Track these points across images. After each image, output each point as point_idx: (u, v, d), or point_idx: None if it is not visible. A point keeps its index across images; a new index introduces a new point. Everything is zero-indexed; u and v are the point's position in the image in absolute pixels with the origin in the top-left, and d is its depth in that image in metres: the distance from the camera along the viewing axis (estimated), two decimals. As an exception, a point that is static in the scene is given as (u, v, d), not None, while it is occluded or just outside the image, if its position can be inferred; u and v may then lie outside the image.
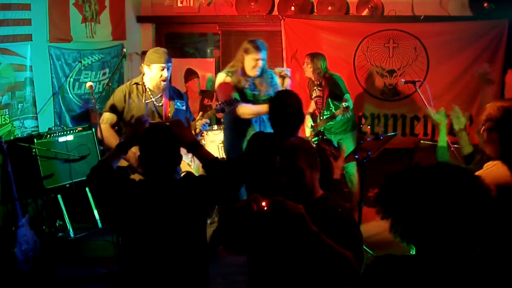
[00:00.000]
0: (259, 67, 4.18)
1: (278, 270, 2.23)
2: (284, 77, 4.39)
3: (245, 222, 2.14)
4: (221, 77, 4.24)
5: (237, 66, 4.23)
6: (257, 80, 4.22)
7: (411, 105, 6.10)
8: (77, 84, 5.59)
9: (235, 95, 4.05)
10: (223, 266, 4.21)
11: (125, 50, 5.97)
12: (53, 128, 5.09)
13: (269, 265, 2.27)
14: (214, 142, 5.69)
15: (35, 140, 4.54)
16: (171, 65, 3.78)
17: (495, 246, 1.66)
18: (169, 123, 2.87)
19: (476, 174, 1.58)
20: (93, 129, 4.98)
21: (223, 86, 4.20)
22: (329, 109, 5.31)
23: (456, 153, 3.95)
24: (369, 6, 6.22)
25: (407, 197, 1.50)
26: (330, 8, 6.33)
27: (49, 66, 5.20)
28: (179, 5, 6.72)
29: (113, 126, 3.80)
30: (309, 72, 5.38)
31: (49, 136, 4.68)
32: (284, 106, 3.14)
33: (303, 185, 2.24)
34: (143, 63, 3.81)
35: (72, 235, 4.86)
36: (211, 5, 6.69)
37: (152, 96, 3.78)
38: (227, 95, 4.00)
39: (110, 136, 3.75)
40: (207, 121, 3.68)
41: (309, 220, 1.99)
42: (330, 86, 5.27)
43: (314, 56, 5.38)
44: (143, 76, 3.80)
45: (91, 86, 4.16)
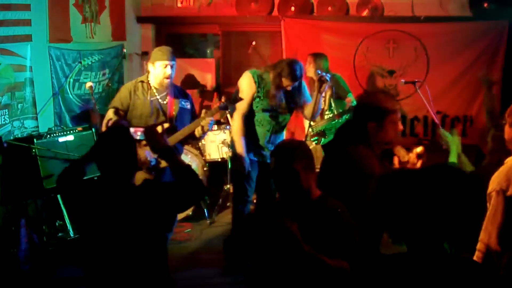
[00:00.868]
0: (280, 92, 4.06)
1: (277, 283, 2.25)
2: (323, 82, 4.04)
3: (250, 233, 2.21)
4: (249, 78, 4.10)
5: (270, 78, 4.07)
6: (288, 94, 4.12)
7: (411, 105, 6.09)
8: (77, 84, 5.58)
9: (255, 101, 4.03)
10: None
11: (125, 50, 5.98)
12: (53, 128, 5.09)
13: (268, 279, 2.28)
14: (214, 142, 5.70)
15: (35, 140, 4.53)
16: (175, 63, 3.83)
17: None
18: (143, 129, 2.81)
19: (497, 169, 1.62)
20: (93, 129, 4.97)
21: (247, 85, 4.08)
22: (331, 109, 5.31)
23: None
24: (369, 6, 6.23)
25: (398, 199, 1.53)
26: (330, 8, 6.33)
27: (49, 66, 5.19)
28: (179, 5, 6.72)
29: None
30: (311, 72, 5.35)
31: (49, 136, 4.67)
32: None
33: (299, 187, 2.25)
34: (148, 62, 3.87)
35: (72, 235, 4.84)
36: (211, 5, 6.69)
37: (157, 94, 3.84)
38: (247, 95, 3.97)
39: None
40: (212, 119, 3.70)
41: (301, 239, 2.03)
42: (332, 87, 5.26)
43: (316, 56, 5.38)
44: (148, 74, 3.87)
45: (91, 86, 4.18)
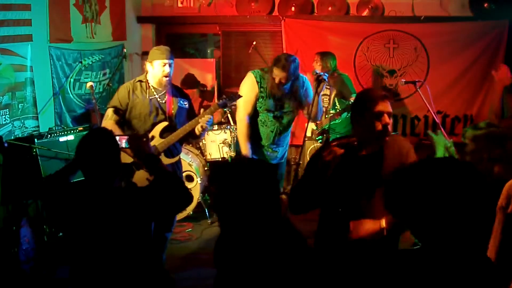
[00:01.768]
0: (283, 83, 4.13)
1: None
2: (320, 81, 4.08)
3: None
4: (251, 78, 4.26)
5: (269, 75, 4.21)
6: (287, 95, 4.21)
7: (411, 105, 6.10)
8: (78, 84, 5.58)
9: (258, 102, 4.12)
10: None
11: (125, 50, 5.98)
12: (54, 128, 5.09)
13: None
14: (214, 142, 5.69)
15: (36, 140, 4.53)
16: (173, 62, 3.85)
17: None
18: (127, 136, 2.82)
19: None
20: (94, 129, 4.98)
21: (248, 86, 4.24)
22: (334, 108, 5.29)
23: None
24: (370, 6, 6.23)
25: (408, 193, 1.51)
26: (330, 8, 6.33)
27: (49, 66, 5.19)
28: (180, 5, 6.72)
29: (117, 122, 3.82)
30: (318, 70, 5.27)
31: (49, 136, 4.67)
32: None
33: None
34: (146, 61, 3.87)
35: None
36: (211, 5, 6.69)
37: (155, 93, 3.85)
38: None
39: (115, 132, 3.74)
40: (210, 116, 3.71)
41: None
42: (338, 85, 5.26)
43: (323, 54, 5.38)
44: (146, 74, 3.87)
45: (91, 86, 4.18)
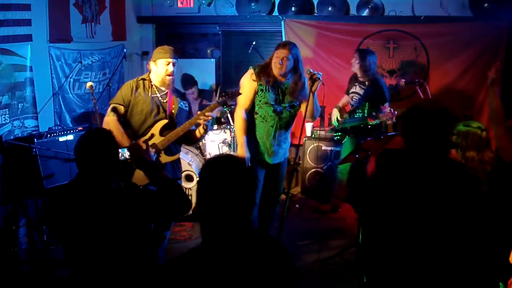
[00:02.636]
0: (285, 66, 3.90)
1: None
2: (315, 80, 3.86)
3: None
4: (249, 73, 4.08)
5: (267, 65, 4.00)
6: (290, 86, 3.99)
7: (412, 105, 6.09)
8: (77, 84, 5.59)
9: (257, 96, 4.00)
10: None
11: (125, 50, 5.99)
12: (53, 128, 5.09)
13: None
14: (214, 141, 5.70)
15: (35, 139, 4.53)
16: (177, 61, 3.85)
17: None
18: (128, 147, 2.82)
19: None
20: (93, 129, 4.98)
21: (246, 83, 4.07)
22: (364, 110, 5.15)
23: None
24: (370, 6, 6.23)
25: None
26: (330, 8, 6.34)
27: (49, 66, 5.20)
28: (180, 5, 6.73)
29: (119, 119, 3.82)
30: (356, 67, 5.22)
31: (49, 136, 4.67)
32: None
33: None
34: (150, 61, 3.88)
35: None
36: (211, 5, 6.70)
37: (157, 92, 3.86)
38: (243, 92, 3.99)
39: (115, 129, 3.72)
40: (210, 116, 3.70)
41: None
42: (373, 89, 5.13)
43: (362, 52, 5.23)
44: (149, 73, 3.89)
45: (91, 86, 4.17)
